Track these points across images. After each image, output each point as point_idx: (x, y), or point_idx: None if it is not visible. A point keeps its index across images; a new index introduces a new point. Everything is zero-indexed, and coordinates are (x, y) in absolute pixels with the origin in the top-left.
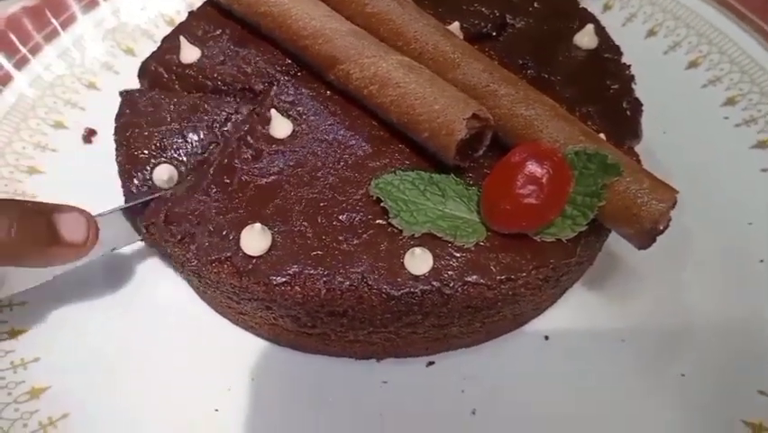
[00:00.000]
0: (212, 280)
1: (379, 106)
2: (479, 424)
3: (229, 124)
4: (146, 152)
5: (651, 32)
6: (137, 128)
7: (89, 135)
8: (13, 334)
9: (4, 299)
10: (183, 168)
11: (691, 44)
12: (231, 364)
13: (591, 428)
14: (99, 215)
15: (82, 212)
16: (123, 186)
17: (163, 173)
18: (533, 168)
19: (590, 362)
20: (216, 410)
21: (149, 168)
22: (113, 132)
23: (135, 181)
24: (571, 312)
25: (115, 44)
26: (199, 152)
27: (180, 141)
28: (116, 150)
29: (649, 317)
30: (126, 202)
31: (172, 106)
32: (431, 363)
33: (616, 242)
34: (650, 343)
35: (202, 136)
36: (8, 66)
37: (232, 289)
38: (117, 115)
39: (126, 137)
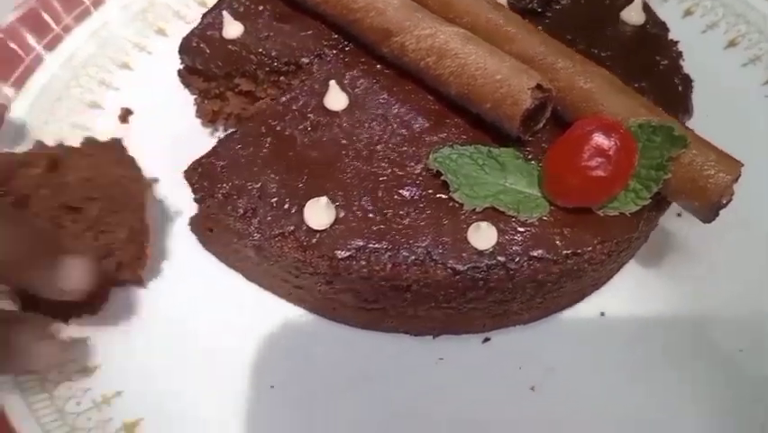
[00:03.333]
0: (272, 254)
1: (436, 79)
2: (539, 400)
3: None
4: None
5: (688, 12)
6: None
7: (125, 115)
8: None
9: None
10: None
11: (729, 24)
12: (284, 341)
13: (648, 405)
14: None
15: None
16: None
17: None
18: (600, 140)
19: (645, 338)
20: (272, 387)
21: None
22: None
23: None
24: (627, 288)
25: (147, 25)
26: None
27: None
28: None
29: (703, 296)
30: None
31: None
32: (487, 340)
33: (666, 217)
34: (704, 321)
35: None
36: (39, 48)
37: (293, 263)
38: None
39: None
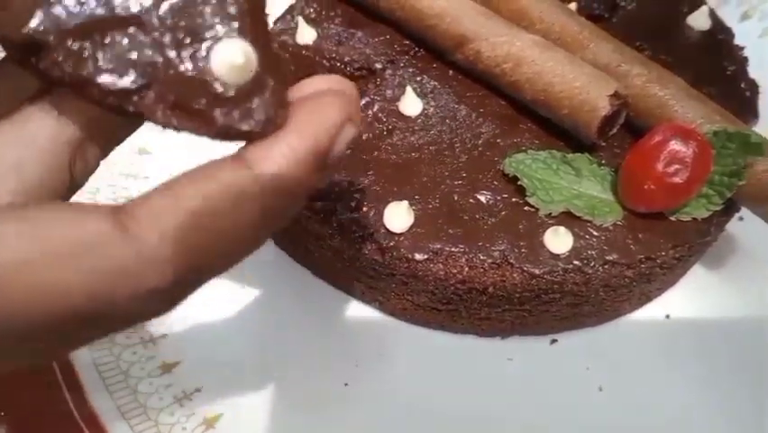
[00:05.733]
0: (350, 255)
1: (511, 85)
2: (607, 400)
3: None
4: None
5: (745, 16)
6: None
7: None
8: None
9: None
10: None
11: None
12: (355, 339)
13: (712, 408)
14: None
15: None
16: None
17: None
18: (677, 147)
19: (710, 340)
20: (346, 385)
21: None
22: None
23: None
24: (691, 291)
25: None
26: None
27: None
28: None
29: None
30: None
31: None
32: (554, 342)
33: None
34: None
35: None
36: None
37: (370, 264)
38: None
39: None
